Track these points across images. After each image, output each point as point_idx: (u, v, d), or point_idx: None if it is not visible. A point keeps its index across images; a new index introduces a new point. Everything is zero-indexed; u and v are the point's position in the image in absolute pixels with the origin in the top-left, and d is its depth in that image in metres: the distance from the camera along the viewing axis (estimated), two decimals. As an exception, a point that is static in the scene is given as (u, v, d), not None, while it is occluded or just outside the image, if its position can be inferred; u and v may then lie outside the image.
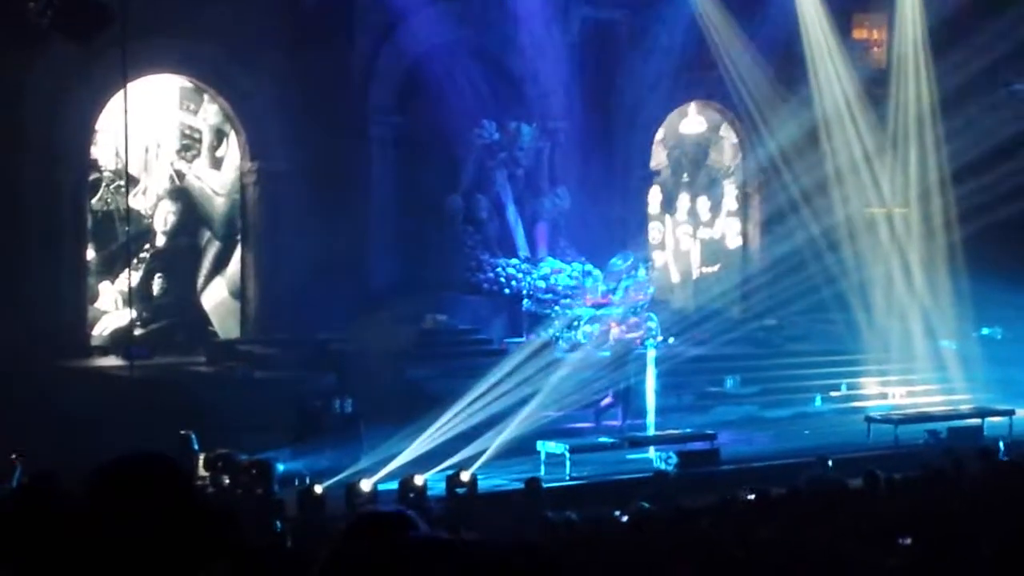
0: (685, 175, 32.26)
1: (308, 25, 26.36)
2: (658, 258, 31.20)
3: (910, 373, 27.31)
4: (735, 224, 32.32)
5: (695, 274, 32.42)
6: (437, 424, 19.33)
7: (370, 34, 27.05)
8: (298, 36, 26.28)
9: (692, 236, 32.48)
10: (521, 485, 17.67)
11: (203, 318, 26.80)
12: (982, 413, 23.46)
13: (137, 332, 25.27)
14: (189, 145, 26.74)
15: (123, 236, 25.00)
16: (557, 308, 26.38)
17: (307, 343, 24.02)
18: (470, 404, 20.18)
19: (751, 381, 25.94)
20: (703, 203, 32.46)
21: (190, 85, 26.51)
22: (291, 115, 26.13)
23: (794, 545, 10.92)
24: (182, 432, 18.43)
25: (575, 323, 25.95)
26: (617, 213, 29.08)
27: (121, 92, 23.27)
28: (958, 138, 29.25)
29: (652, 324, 25.82)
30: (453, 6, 27.10)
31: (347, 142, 26.50)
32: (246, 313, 26.89)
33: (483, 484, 18.01)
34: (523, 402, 20.81)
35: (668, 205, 32.03)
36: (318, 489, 16.74)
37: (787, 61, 29.44)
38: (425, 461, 18.25)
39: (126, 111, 23.20)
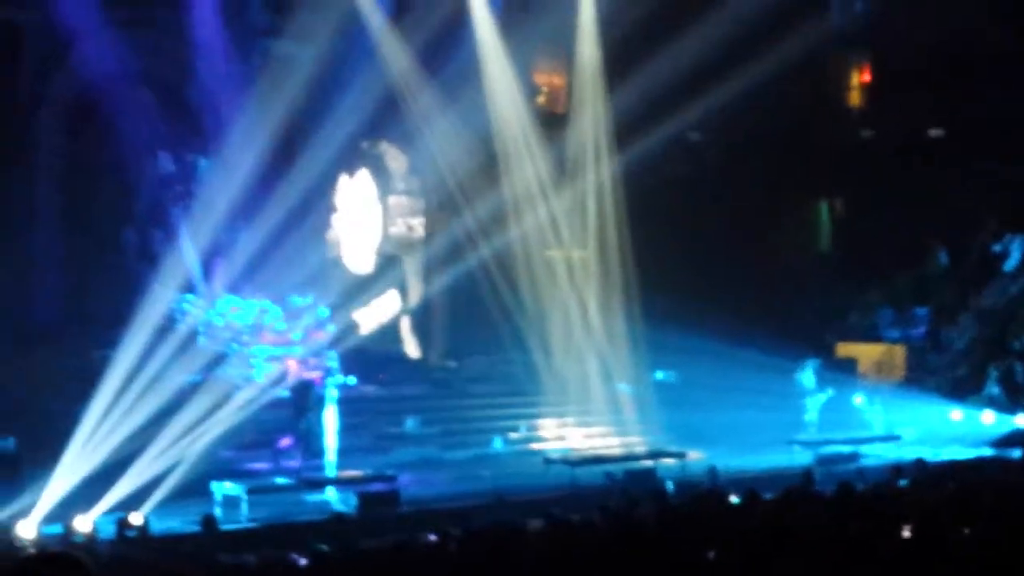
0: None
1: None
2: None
3: (587, 415, 27.73)
4: (417, 266, 32.25)
5: (374, 313, 32.23)
6: (101, 461, 18.62)
7: (39, 58, 26.00)
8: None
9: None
10: (195, 528, 17.14)
11: None
12: (656, 455, 24.02)
13: None
14: None
15: None
16: (235, 346, 25.83)
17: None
18: (142, 441, 19.54)
19: (431, 422, 25.89)
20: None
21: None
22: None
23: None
24: None
25: (252, 361, 25.45)
26: (299, 251, 28.66)
27: None
28: (633, 180, 29.95)
29: (332, 363, 25.52)
30: (129, 32, 26.25)
31: (12, 171, 25.41)
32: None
33: (156, 526, 17.39)
34: (198, 440, 20.25)
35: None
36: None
37: (471, 103, 29.57)
38: (88, 500, 17.49)
39: None
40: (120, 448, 19.22)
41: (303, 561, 13.70)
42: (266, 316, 26.32)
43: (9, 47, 25.64)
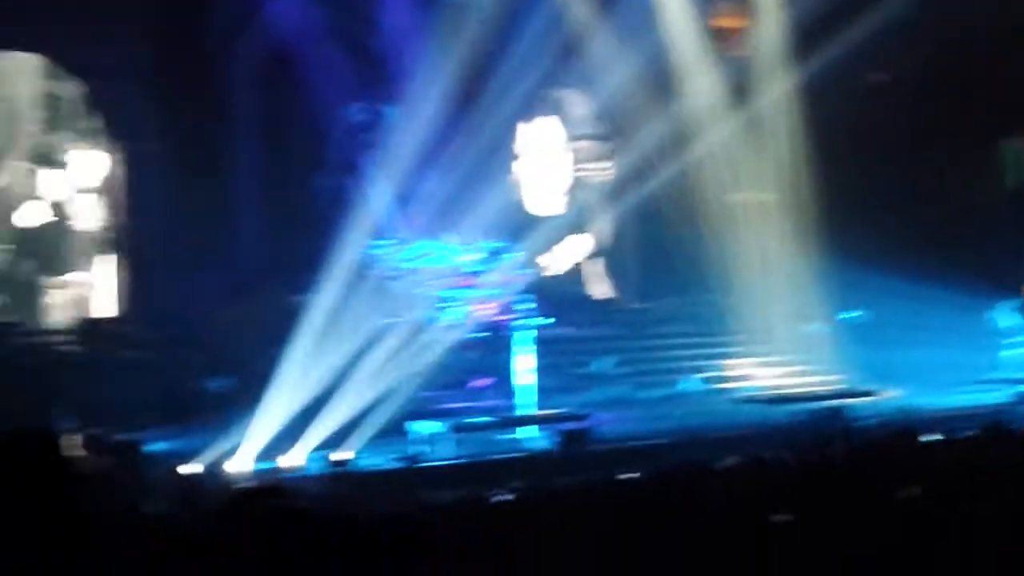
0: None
1: (173, 3, 26.04)
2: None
3: (777, 355, 27.74)
4: (601, 206, 32.43)
5: (565, 256, 32.55)
6: (306, 404, 19.31)
7: (234, 14, 26.76)
8: (162, 15, 25.93)
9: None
10: (396, 465, 17.75)
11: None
12: (846, 394, 23.96)
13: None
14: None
15: None
16: (427, 289, 26.35)
17: (178, 322, 23.79)
18: (342, 384, 20.17)
19: (623, 362, 26.18)
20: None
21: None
22: (154, 97, 25.82)
23: (667, 523, 11.11)
24: (49, 412, 18.16)
25: (447, 304, 25.97)
26: (488, 195, 29.10)
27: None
28: (820, 124, 29.73)
29: (525, 305, 25.95)
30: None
31: (214, 124, 26.27)
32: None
33: (360, 463, 18.05)
34: (396, 382, 20.84)
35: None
36: (191, 469, 16.64)
37: (651, 51, 29.56)
38: (295, 440, 18.22)
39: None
40: (321, 389, 19.87)
41: (500, 497, 14.14)
42: (458, 259, 26.79)
43: (202, 5, 26.44)
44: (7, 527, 2.82)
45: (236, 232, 26.81)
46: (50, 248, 27.03)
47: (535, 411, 21.97)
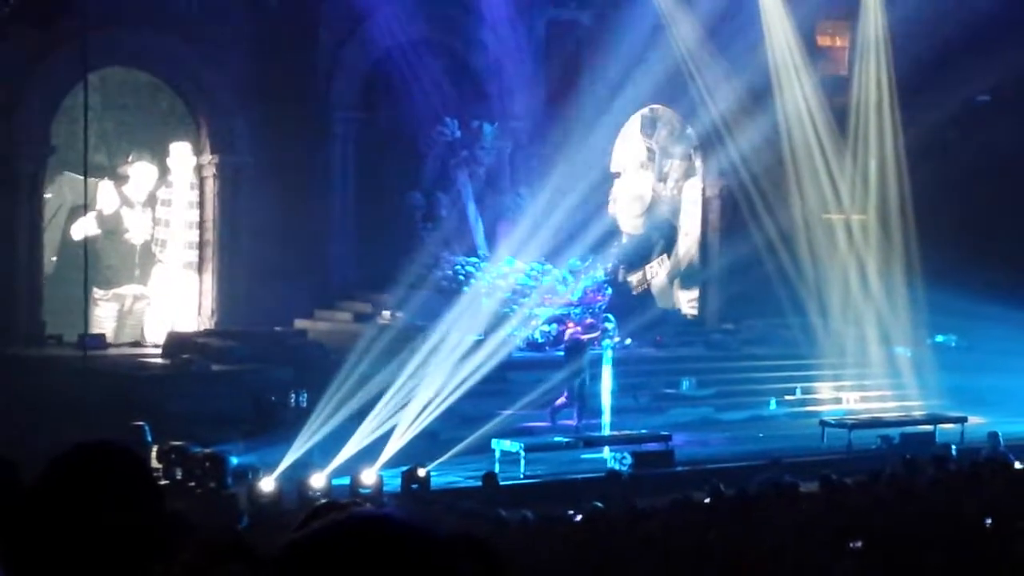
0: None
1: (273, 20, 26.31)
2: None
3: (864, 378, 27.43)
4: (693, 228, 32.33)
5: (652, 276, 32.47)
6: (389, 420, 19.35)
7: (335, 30, 27.02)
8: (263, 31, 26.22)
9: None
10: (474, 483, 17.74)
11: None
12: (935, 420, 23.61)
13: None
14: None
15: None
16: (515, 307, 26.37)
17: (264, 336, 23.97)
18: (427, 399, 20.19)
19: (707, 383, 26.02)
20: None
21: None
22: (254, 110, 26.09)
23: (745, 547, 11.00)
24: (135, 424, 18.35)
25: (532, 322, 25.98)
26: (578, 215, 29.08)
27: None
28: (919, 147, 29.45)
29: (609, 325, 25.88)
30: (418, 4, 27.09)
31: (310, 139, 26.51)
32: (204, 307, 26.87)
33: (437, 481, 18.05)
34: (478, 400, 20.86)
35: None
36: (271, 483, 16.71)
37: (752, 68, 29.41)
38: (376, 456, 18.27)
39: (86, 103, 23.00)
40: (405, 405, 19.91)
41: (579, 517, 14.08)
42: (546, 278, 26.79)
43: (309, 20, 26.65)
44: (86, 540, 2.81)
45: (329, 246, 26.98)
46: (134, 259, 27.38)
47: (616, 431, 21.86)
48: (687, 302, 31.86)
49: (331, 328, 25.91)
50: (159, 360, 23.64)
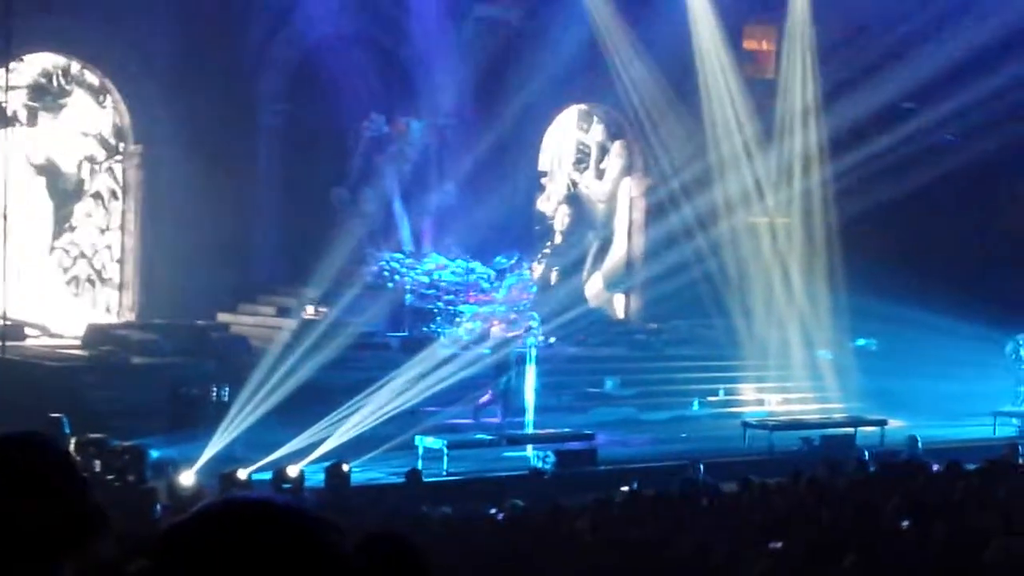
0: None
1: (200, 9, 26.06)
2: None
3: (786, 380, 27.63)
4: (618, 225, 32.38)
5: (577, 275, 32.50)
6: (319, 416, 19.28)
7: (263, 21, 26.81)
8: (190, 20, 25.96)
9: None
10: (397, 480, 17.66)
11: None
12: (855, 422, 23.81)
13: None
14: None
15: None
16: (440, 304, 26.33)
17: (186, 329, 23.75)
18: (351, 397, 20.12)
19: (630, 383, 26.08)
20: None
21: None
22: (180, 100, 25.82)
23: (666, 547, 11.02)
24: (52, 415, 18.11)
25: (457, 320, 25.93)
26: (503, 211, 29.07)
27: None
28: (844, 152, 29.64)
29: (534, 323, 25.88)
30: (347, -3, 26.98)
31: (235, 130, 26.26)
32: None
33: (359, 477, 17.96)
34: (402, 397, 20.78)
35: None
36: (191, 476, 16.57)
37: (679, 70, 29.52)
38: (302, 452, 18.17)
39: (7, 89, 22.69)
40: (328, 401, 19.82)
41: (501, 515, 14.05)
42: (471, 275, 26.76)
43: (237, 8, 26.42)
44: (7, 532, 2.73)
45: (252, 239, 26.76)
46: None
47: (539, 430, 21.85)
48: (613, 302, 31.92)
49: (254, 322, 25.74)
50: (78, 352, 23.36)
